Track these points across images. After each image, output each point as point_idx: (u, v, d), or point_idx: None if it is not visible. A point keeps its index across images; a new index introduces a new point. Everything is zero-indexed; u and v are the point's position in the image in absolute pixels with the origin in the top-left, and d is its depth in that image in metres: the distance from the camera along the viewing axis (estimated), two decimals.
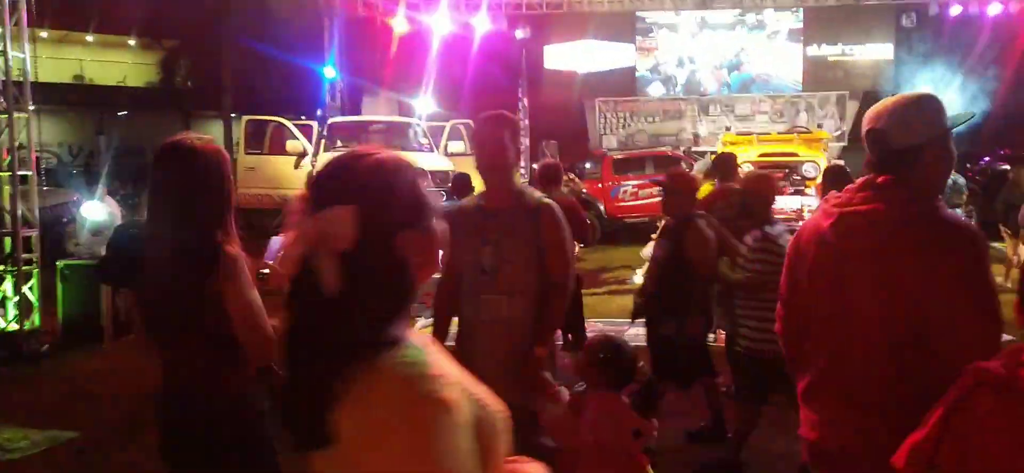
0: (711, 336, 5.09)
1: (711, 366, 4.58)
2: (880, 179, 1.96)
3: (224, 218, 2.20)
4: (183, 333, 2.18)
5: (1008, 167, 13.00)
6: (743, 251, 4.30)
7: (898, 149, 1.95)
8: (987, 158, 15.44)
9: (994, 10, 17.36)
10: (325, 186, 1.12)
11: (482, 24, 17.56)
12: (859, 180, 2.03)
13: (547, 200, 3.03)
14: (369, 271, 1.09)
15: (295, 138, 12.95)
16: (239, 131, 13.59)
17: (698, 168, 7.98)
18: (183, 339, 2.19)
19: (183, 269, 2.14)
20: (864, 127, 2.04)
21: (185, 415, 2.22)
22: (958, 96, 17.59)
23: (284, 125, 13.25)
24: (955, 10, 17.53)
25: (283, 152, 12.97)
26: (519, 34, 18.64)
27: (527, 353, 2.83)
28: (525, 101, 20.30)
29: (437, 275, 2.80)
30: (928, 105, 2.00)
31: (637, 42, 19.73)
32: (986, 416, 1.40)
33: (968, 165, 16.17)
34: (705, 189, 7.55)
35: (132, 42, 28.54)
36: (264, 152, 13.25)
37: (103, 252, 6.80)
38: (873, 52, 19.00)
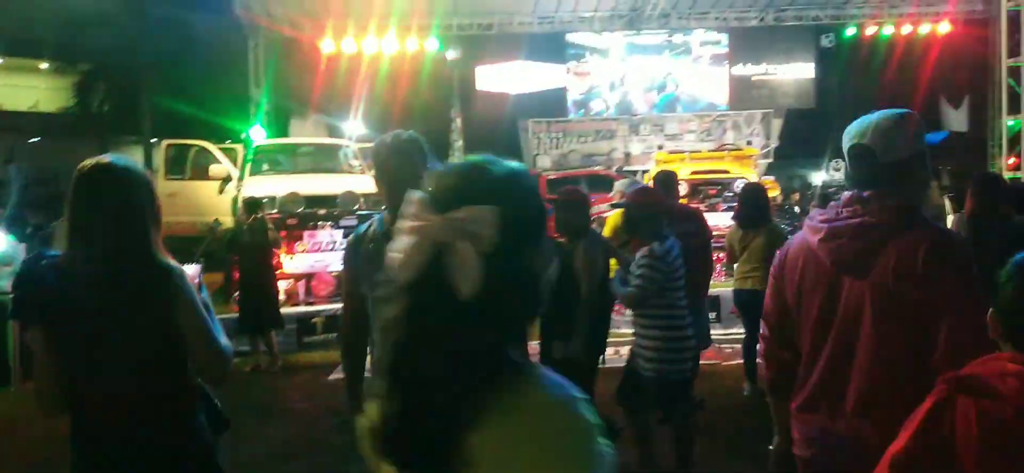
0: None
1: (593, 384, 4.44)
2: (866, 193, 2.00)
3: (158, 236, 2.18)
4: (127, 357, 2.09)
5: None
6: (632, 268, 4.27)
7: (883, 164, 2.00)
8: None
9: (905, 30, 18.19)
10: (457, 187, 1.06)
11: (413, 44, 17.40)
12: (845, 195, 2.06)
13: None
14: (505, 278, 1.02)
15: (218, 162, 12.47)
16: (159, 156, 13.01)
17: (618, 188, 7.99)
18: (127, 369, 2.09)
19: (130, 292, 2.08)
20: (847, 143, 2.08)
21: (132, 450, 2.10)
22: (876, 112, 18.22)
23: (207, 149, 12.76)
24: (870, 30, 18.31)
25: (206, 177, 12.48)
26: (450, 55, 18.53)
27: None
28: (458, 121, 20.18)
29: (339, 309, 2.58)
30: (913, 120, 2.06)
31: (571, 67, 19.85)
32: (965, 422, 1.42)
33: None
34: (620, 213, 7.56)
35: (44, 66, 27.30)
36: (186, 177, 12.71)
37: (7, 287, 6.40)
38: (795, 71, 19.58)
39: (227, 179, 12.33)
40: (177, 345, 2.13)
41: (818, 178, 19.44)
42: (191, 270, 2.30)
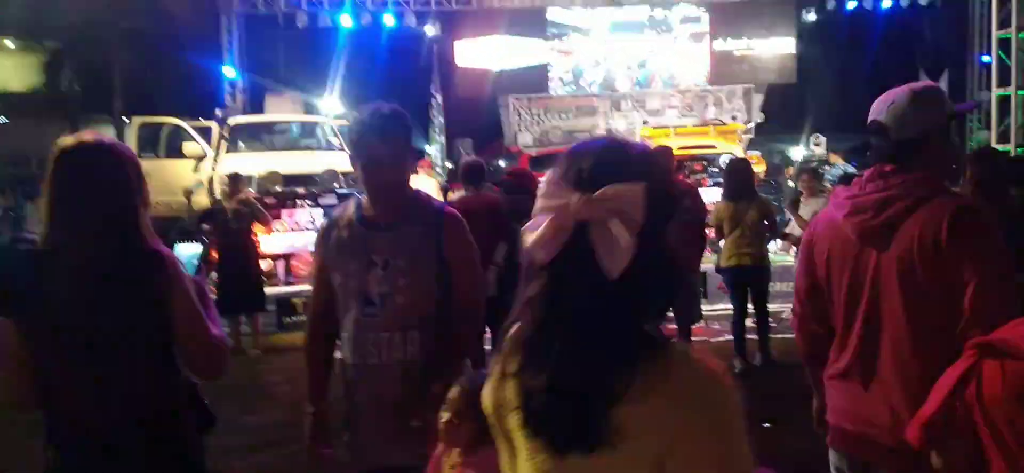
0: None
1: None
2: (887, 167, 2.05)
3: (147, 219, 2.03)
4: (114, 350, 1.94)
5: None
6: None
7: (898, 141, 2.04)
8: None
9: (886, 3, 18.21)
10: (600, 165, 1.06)
11: (389, 20, 17.11)
12: (867, 171, 2.10)
13: (450, 209, 2.52)
14: (649, 256, 1.03)
15: (193, 140, 12.12)
16: (130, 134, 12.63)
17: None
18: (113, 357, 1.95)
19: (119, 280, 1.93)
20: (870, 118, 2.14)
21: (113, 452, 1.97)
22: (857, 86, 18.24)
23: (180, 127, 12.38)
24: (851, 4, 18.30)
25: (180, 155, 12.14)
26: (429, 31, 18.25)
27: (422, 399, 2.23)
28: (439, 98, 19.93)
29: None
30: (925, 97, 2.08)
31: (554, 46, 19.62)
32: (991, 384, 1.44)
33: (868, 153, 16.78)
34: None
35: (11, 44, 26.58)
36: (159, 156, 12.36)
37: None
38: (777, 46, 19.48)
39: (201, 158, 12.01)
40: (167, 339, 1.99)
41: (798, 154, 19.45)
42: (188, 252, 2.15)
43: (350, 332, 2.36)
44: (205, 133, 12.72)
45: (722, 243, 6.74)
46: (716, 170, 9.63)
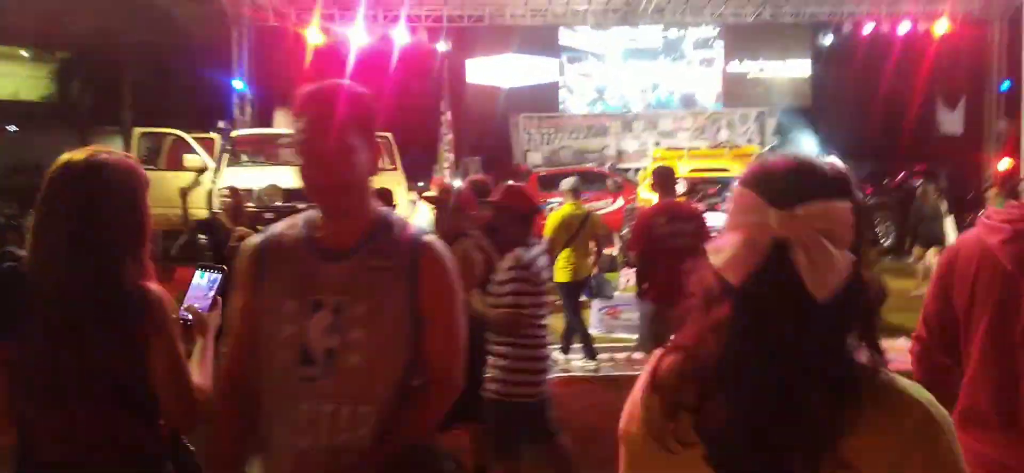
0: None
1: (475, 411, 3.93)
2: None
3: (139, 250, 1.84)
4: (81, 391, 1.78)
5: (918, 182, 13.31)
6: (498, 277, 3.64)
7: None
8: (903, 173, 15.74)
9: (904, 28, 17.96)
10: (799, 181, 1.00)
11: (401, 36, 17.00)
12: None
13: (429, 238, 1.84)
14: (856, 276, 0.98)
15: (193, 152, 11.97)
16: (133, 145, 12.51)
17: (565, 185, 7.67)
18: (80, 399, 1.78)
19: (90, 315, 1.76)
20: None
21: None
22: (872, 112, 17.99)
23: (182, 138, 12.24)
24: (867, 28, 18.07)
25: (181, 167, 11.99)
26: (440, 47, 18.13)
27: None
28: (449, 115, 19.79)
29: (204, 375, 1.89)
30: None
31: (575, 69, 19.46)
32: None
33: (885, 181, 16.50)
34: (566, 209, 7.23)
35: (24, 54, 26.72)
36: (161, 168, 12.21)
37: None
38: (791, 69, 19.26)
39: (202, 169, 11.86)
40: (147, 386, 1.81)
41: None
42: (209, 277, 1.99)
43: (275, 398, 1.73)
44: (210, 145, 12.59)
45: None
46: (730, 194, 9.40)
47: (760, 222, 0.97)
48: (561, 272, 6.78)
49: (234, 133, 12.78)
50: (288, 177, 10.66)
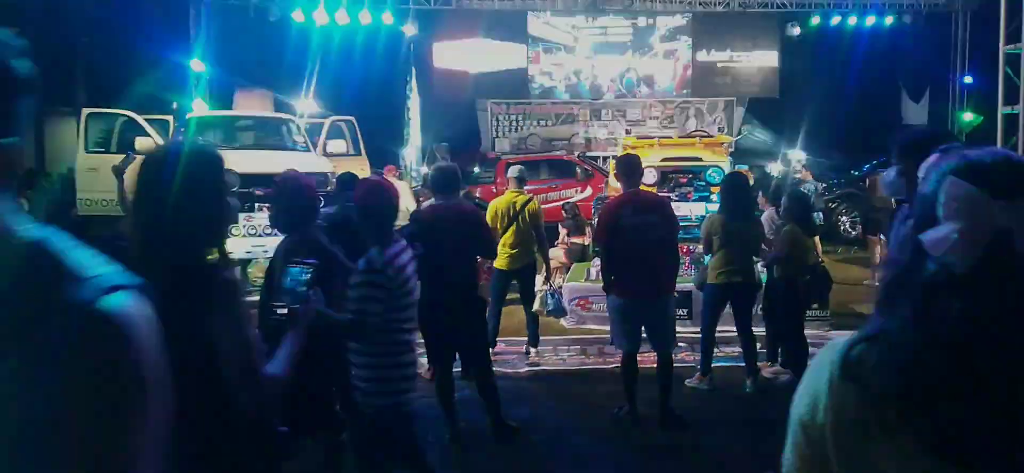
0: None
1: (334, 419, 3.74)
2: None
3: (219, 233, 1.97)
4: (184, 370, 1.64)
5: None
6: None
7: None
8: (870, 164, 15.80)
9: (870, 21, 18.06)
10: (1014, 173, 1.03)
11: (366, 17, 16.61)
12: None
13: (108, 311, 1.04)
14: None
15: (146, 135, 11.42)
16: (80, 127, 11.92)
17: (511, 173, 7.42)
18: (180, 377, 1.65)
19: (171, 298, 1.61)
20: None
21: None
22: (840, 102, 18.05)
23: (134, 120, 11.66)
24: (835, 20, 18.13)
25: (133, 150, 11.44)
26: (407, 30, 17.76)
27: None
28: (414, 99, 19.45)
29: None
30: None
31: (546, 59, 19.19)
32: None
33: (853, 171, 16.56)
34: (507, 196, 7.00)
35: None
36: (111, 150, 11.64)
37: None
38: (759, 59, 19.24)
39: None
40: (216, 363, 1.89)
41: (775, 169, 19.20)
42: (300, 274, 2.19)
43: None
44: (163, 127, 12.07)
45: (708, 259, 6.33)
46: (702, 183, 9.24)
47: (983, 213, 1.00)
48: (498, 259, 6.56)
49: (188, 115, 12.29)
50: (245, 161, 10.31)
